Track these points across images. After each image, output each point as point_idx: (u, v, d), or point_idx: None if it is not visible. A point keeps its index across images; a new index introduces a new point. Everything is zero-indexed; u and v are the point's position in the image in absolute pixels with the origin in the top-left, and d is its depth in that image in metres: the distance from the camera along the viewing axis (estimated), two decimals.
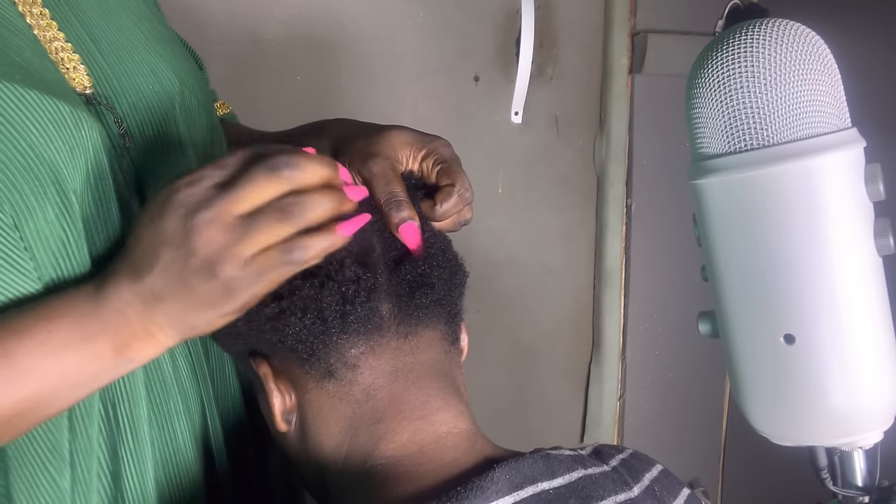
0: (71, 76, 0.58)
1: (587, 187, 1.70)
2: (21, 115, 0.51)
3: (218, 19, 1.32)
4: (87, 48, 0.60)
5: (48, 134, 0.52)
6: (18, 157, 0.51)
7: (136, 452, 0.59)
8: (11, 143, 0.51)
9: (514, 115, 1.56)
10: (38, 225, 0.52)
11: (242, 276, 0.49)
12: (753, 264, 0.55)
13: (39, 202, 0.52)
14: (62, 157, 0.53)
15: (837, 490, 0.60)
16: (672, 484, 0.59)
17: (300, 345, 0.57)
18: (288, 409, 0.60)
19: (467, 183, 0.62)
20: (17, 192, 0.51)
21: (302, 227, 0.50)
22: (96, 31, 0.61)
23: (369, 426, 0.57)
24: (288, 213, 0.49)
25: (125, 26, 0.64)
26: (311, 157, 0.51)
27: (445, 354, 0.62)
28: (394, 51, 1.45)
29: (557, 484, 0.54)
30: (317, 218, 0.50)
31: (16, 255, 0.52)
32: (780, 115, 0.53)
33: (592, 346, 1.74)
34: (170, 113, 0.64)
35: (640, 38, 1.62)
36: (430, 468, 0.55)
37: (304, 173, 0.50)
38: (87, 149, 0.55)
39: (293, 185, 0.50)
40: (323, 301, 0.56)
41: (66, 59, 0.58)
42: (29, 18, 0.57)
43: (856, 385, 0.55)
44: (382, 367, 0.58)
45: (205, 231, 0.49)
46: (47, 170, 0.52)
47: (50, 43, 0.57)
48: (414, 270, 0.59)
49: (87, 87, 0.59)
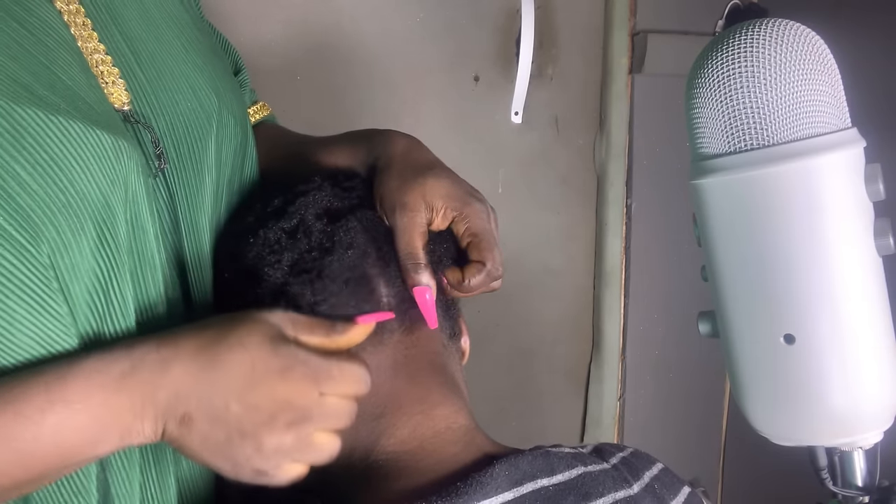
0: (109, 90, 0.56)
1: (587, 187, 1.70)
2: (63, 150, 0.49)
3: (217, 19, 1.32)
4: (127, 61, 0.58)
5: (89, 168, 0.51)
6: (59, 193, 0.49)
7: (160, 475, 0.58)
8: (53, 179, 0.49)
9: (514, 115, 1.56)
10: (73, 260, 0.51)
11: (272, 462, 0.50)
12: (753, 264, 0.55)
13: (76, 237, 0.51)
14: (102, 190, 0.51)
15: (837, 490, 0.60)
16: (672, 482, 0.59)
17: None
18: None
19: (499, 260, 0.61)
20: (55, 229, 0.49)
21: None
22: (137, 43, 0.59)
23: (371, 421, 0.58)
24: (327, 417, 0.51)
25: (166, 38, 0.62)
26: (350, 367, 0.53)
27: (444, 349, 0.62)
28: (394, 51, 1.45)
29: (557, 481, 0.54)
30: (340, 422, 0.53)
31: (48, 297, 0.50)
32: (780, 115, 0.53)
33: (592, 346, 1.74)
34: (206, 133, 0.62)
35: (640, 38, 1.62)
36: (430, 463, 0.56)
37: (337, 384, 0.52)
38: (128, 180, 0.53)
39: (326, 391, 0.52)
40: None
41: (105, 72, 0.56)
42: (73, 29, 0.55)
43: (856, 385, 0.55)
44: (384, 362, 0.59)
45: (278, 433, 0.50)
46: (86, 205, 0.51)
47: (91, 55, 0.55)
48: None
49: (125, 104, 0.57)
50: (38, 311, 0.50)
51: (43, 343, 0.50)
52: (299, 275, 0.57)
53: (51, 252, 0.49)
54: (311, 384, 0.50)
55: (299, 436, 0.50)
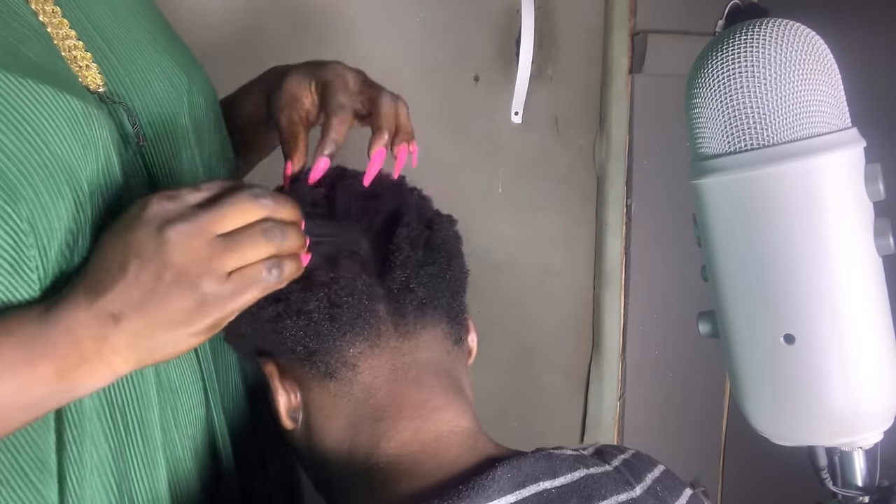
0: (84, 74, 0.57)
1: (587, 187, 1.70)
2: (35, 112, 0.50)
3: (217, 19, 1.32)
4: (99, 46, 0.59)
5: (61, 131, 0.52)
6: (34, 154, 0.50)
7: (148, 457, 0.58)
8: (27, 140, 0.50)
9: (514, 115, 1.56)
10: (52, 223, 0.51)
11: (219, 292, 0.49)
12: (753, 264, 0.55)
13: (54, 200, 0.51)
14: (75, 154, 0.52)
15: (837, 490, 0.60)
16: (674, 484, 0.59)
17: (298, 346, 0.58)
18: (293, 407, 0.61)
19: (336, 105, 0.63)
20: (32, 189, 0.50)
21: (282, 252, 0.51)
22: (106, 30, 0.61)
23: (370, 424, 0.58)
24: (270, 234, 0.51)
25: (133, 27, 0.64)
26: (285, 196, 0.54)
27: (448, 354, 0.62)
28: (394, 51, 1.45)
29: (559, 483, 0.54)
30: (293, 246, 0.52)
31: (22, 263, 0.50)
32: (780, 115, 0.53)
33: (592, 346, 1.74)
34: (180, 111, 0.64)
35: (640, 38, 1.62)
36: (432, 466, 0.56)
37: (283, 208, 0.53)
38: (98, 147, 0.54)
39: (273, 215, 0.52)
40: (310, 304, 0.57)
41: (78, 56, 0.57)
42: (42, 16, 0.56)
43: (856, 385, 0.55)
44: (382, 367, 0.58)
45: (184, 242, 0.48)
46: (61, 167, 0.51)
47: (62, 41, 0.57)
48: (400, 272, 0.59)
49: (99, 86, 0.58)
50: (10, 275, 0.50)
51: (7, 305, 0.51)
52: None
53: (30, 214, 0.50)
54: (195, 227, 0.49)
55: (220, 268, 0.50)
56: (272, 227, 0.51)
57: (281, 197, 0.53)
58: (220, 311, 0.50)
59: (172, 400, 0.61)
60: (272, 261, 0.51)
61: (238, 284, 0.50)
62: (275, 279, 0.51)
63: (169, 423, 0.60)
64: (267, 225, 0.51)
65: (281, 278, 0.51)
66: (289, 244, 0.52)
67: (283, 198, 0.53)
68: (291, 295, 0.57)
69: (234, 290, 0.50)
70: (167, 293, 0.48)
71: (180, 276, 0.48)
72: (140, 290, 0.48)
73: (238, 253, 0.49)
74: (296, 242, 0.52)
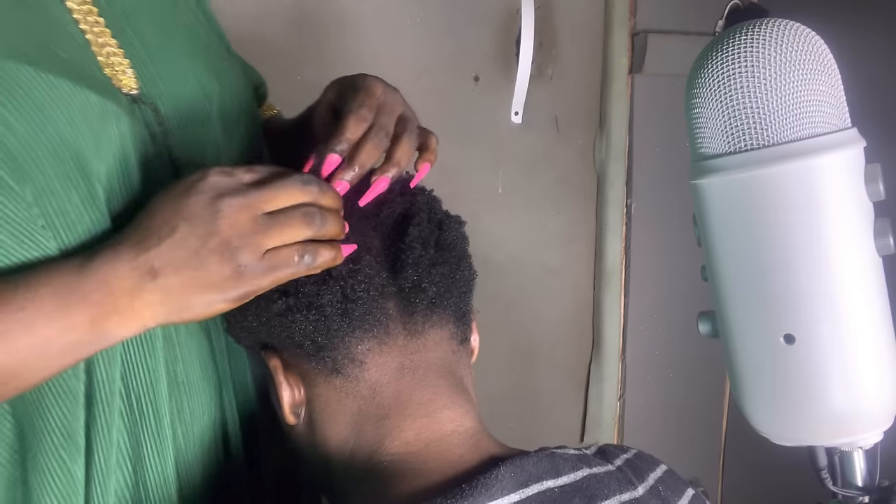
0: (119, 78, 0.61)
1: (587, 187, 1.70)
2: (50, 103, 0.54)
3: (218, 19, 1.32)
4: (138, 53, 0.63)
5: (75, 122, 0.55)
6: (44, 139, 0.53)
7: (159, 442, 0.61)
8: (39, 127, 0.53)
9: (514, 115, 1.56)
10: (62, 208, 0.54)
11: (256, 267, 0.52)
12: (753, 264, 0.55)
13: (63, 185, 0.54)
14: (88, 146, 0.55)
15: (837, 490, 0.60)
16: (676, 484, 0.59)
17: (307, 341, 0.58)
18: (297, 402, 0.61)
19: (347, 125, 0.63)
20: (39, 171, 0.53)
21: (319, 236, 0.55)
22: (148, 39, 0.65)
23: (375, 422, 0.58)
24: (311, 218, 0.54)
25: (174, 36, 0.68)
26: (329, 185, 0.58)
27: (453, 354, 0.62)
28: (394, 51, 1.45)
29: (562, 482, 0.54)
30: (331, 232, 0.56)
31: (34, 231, 0.53)
32: (780, 115, 0.53)
33: (592, 346, 1.74)
34: (208, 115, 0.67)
35: (640, 38, 1.62)
36: (435, 465, 0.56)
37: (326, 195, 0.56)
38: (114, 141, 0.57)
39: (316, 201, 0.56)
40: (323, 298, 0.57)
41: (116, 62, 0.61)
42: (82, 24, 0.60)
43: (856, 385, 0.55)
44: (389, 365, 0.59)
45: (233, 215, 0.52)
46: (72, 156, 0.54)
47: (102, 48, 0.61)
48: (412, 270, 0.60)
49: (133, 88, 0.62)
50: (24, 243, 0.53)
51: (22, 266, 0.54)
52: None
53: (35, 193, 0.53)
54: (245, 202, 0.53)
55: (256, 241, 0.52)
56: (313, 212, 0.54)
57: (325, 185, 0.57)
58: (252, 284, 0.53)
59: (187, 390, 0.63)
60: (306, 247, 0.54)
61: (272, 263, 0.53)
62: (305, 266, 0.54)
63: (181, 412, 0.62)
64: (310, 209, 0.54)
65: (313, 265, 0.54)
66: (327, 229, 0.55)
67: (327, 186, 0.57)
68: (303, 288, 0.57)
69: (269, 267, 0.53)
70: (208, 258, 0.51)
71: (223, 245, 0.51)
72: (185, 251, 0.51)
73: (277, 232, 0.53)
74: (334, 228, 0.56)
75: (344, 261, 0.58)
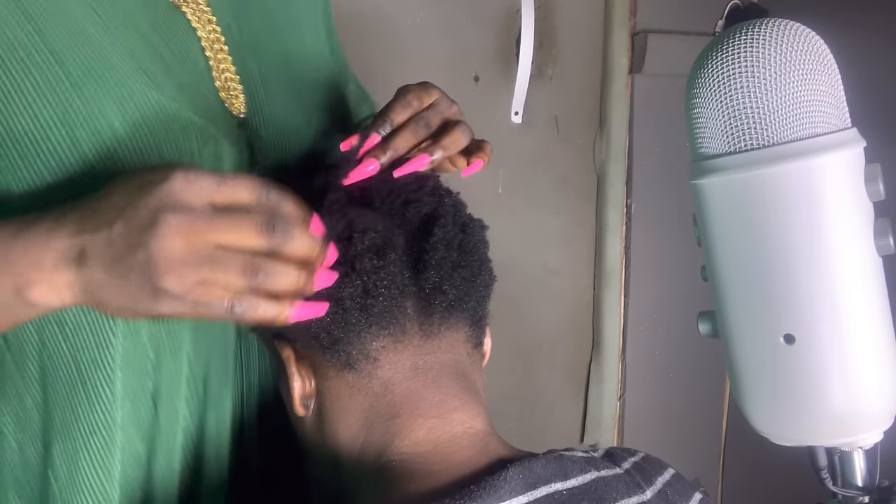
0: (231, 102, 0.67)
1: (587, 187, 1.70)
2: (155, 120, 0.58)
3: None
4: (254, 83, 0.69)
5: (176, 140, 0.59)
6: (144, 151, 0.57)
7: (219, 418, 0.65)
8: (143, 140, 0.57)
9: (514, 115, 1.56)
10: None
11: (175, 295, 0.47)
12: (753, 264, 0.55)
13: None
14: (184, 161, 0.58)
15: (837, 490, 0.60)
16: (685, 488, 0.59)
17: (323, 333, 0.58)
18: (307, 394, 0.61)
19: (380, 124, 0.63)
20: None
21: (256, 288, 0.49)
22: (266, 71, 0.70)
23: (385, 421, 0.58)
24: (253, 272, 0.48)
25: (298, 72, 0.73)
26: (305, 231, 0.51)
27: (468, 357, 0.63)
28: (394, 51, 1.45)
29: (570, 485, 0.54)
30: (276, 289, 0.49)
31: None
32: (780, 115, 0.53)
33: (592, 346, 1.74)
34: (305, 141, 0.71)
35: (640, 38, 1.62)
36: (444, 467, 0.56)
37: (291, 243, 0.50)
38: (207, 160, 0.60)
39: (275, 248, 0.49)
40: (344, 291, 0.57)
41: (231, 87, 0.67)
42: (208, 52, 0.66)
43: (856, 385, 0.55)
44: (403, 364, 0.59)
45: (169, 235, 0.47)
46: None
47: (221, 73, 0.67)
48: (434, 272, 0.60)
49: (241, 112, 0.67)
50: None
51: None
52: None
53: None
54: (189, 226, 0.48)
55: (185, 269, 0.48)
56: (259, 265, 0.48)
57: (303, 233, 0.50)
58: (170, 309, 0.48)
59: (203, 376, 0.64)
60: (241, 296, 0.48)
61: (198, 299, 0.48)
62: (236, 314, 0.49)
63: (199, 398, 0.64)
64: (256, 261, 0.48)
65: (246, 316, 0.49)
66: (272, 284, 0.49)
67: (304, 235, 0.50)
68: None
69: (193, 301, 0.48)
70: (130, 270, 0.48)
71: (147, 264, 0.47)
72: (115, 250, 0.48)
73: (209, 270, 0.48)
74: (285, 286, 0.50)
75: (369, 256, 0.57)
